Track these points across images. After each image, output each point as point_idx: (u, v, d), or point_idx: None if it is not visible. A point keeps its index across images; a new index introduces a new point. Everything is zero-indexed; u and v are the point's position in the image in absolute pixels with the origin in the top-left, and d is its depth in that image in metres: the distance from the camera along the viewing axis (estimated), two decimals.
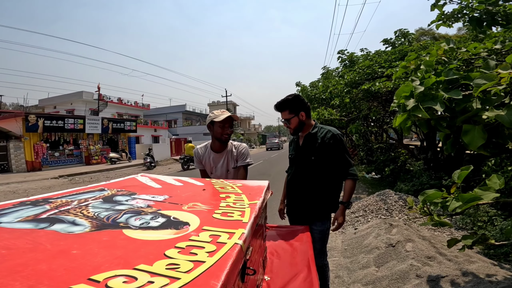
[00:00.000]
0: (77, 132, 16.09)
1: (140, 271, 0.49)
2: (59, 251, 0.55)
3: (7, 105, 34.94)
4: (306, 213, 1.93)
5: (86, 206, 0.84)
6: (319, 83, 11.19)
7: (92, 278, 0.45)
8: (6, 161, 13.20)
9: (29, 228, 0.66)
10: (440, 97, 1.39)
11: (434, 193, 0.99)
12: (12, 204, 0.85)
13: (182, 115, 37.03)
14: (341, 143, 1.85)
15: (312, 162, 1.88)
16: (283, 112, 1.92)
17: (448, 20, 2.24)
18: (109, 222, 0.71)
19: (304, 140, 1.94)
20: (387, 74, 5.31)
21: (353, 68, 7.18)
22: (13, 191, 8.53)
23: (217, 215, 0.83)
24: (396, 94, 1.63)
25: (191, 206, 0.90)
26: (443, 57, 1.72)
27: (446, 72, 1.50)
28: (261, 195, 1.11)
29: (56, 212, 0.78)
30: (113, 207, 0.84)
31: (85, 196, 0.98)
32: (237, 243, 0.63)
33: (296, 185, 1.98)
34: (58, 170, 13.84)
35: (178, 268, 0.51)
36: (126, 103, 29.53)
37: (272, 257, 1.45)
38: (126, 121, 19.62)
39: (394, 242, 2.90)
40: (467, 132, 1.33)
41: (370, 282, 2.39)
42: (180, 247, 0.60)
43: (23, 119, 13.50)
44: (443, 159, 6.38)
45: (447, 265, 2.36)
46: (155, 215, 0.79)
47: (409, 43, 7.38)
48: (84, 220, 0.71)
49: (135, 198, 0.98)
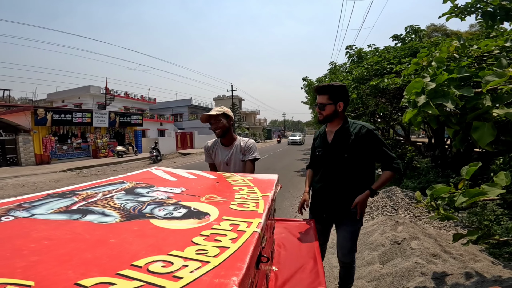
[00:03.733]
0: (84, 125, 16.28)
1: (174, 257, 0.54)
2: (97, 240, 0.59)
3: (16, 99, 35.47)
4: (337, 213, 1.86)
5: (111, 198, 0.89)
6: (326, 78, 11.09)
7: (134, 264, 0.50)
8: (15, 154, 13.44)
9: (64, 219, 0.70)
10: (451, 94, 1.38)
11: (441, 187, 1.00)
12: (41, 196, 0.90)
13: (188, 109, 37.14)
14: (378, 137, 1.74)
15: (345, 160, 1.77)
16: (322, 96, 1.80)
17: (461, 13, 2.19)
18: (136, 213, 0.76)
19: (335, 136, 1.83)
20: (396, 70, 5.24)
21: (361, 64, 7.09)
22: (23, 184, 8.70)
23: (233, 206, 0.88)
24: (406, 89, 1.62)
25: (208, 198, 0.95)
26: (454, 54, 1.69)
27: (458, 69, 1.48)
28: (272, 188, 1.17)
29: (85, 203, 0.82)
30: (136, 199, 0.89)
31: (108, 188, 1.03)
32: (255, 231, 0.69)
33: (326, 184, 1.88)
34: (66, 163, 14.07)
35: (206, 253, 0.56)
36: (132, 97, 29.71)
37: (279, 249, 1.50)
38: (132, 115, 19.76)
39: (399, 239, 2.90)
40: (476, 128, 1.32)
41: (374, 279, 2.41)
42: (205, 234, 0.65)
43: (32, 113, 13.69)
44: (451, 156, 6.31)
45: (452, 263, 2.36)
46: (177, 206, 0.83)
47: (420, 39, 7.24)
48: (112, 211, 0.76)
49: (154, 190, 1.02)
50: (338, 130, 1.82)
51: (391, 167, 1.72)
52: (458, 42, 1.73)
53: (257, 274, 0.73)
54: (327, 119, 1.84)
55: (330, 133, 1.88)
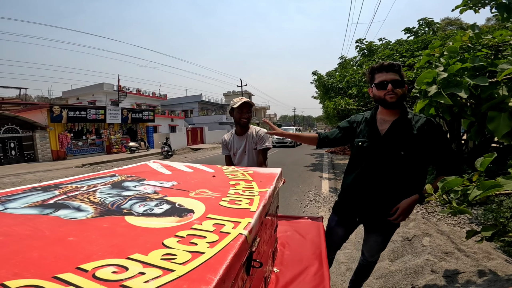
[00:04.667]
0: (98, 122, 16.64)
1: (133, 261, 0.47)
2: (56, 238, 0.55)
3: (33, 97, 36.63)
4: (373, 219, 1.59)
5: (94, 192, 0.85)
6: (336, 72, 10.89)
7: (80, 267, 0.44)
8: (32, 150, 13.91)
9: (34, 214, 0.67)
10: (464, 83, 1.31)
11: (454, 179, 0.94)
12: (23, 189, 0.87)
13: (198, 105, 37.41)
14: (446, 137, 1.45)
15: (400, 158, 1.44)
16: (392, 73, 1.44)
17: (475, 5, 2.09)
18: (113, 208, 0.71)
19: (391, 127, 1.48)
20: (409, 63, 5.08)
21: (371, 58, 6.90)
22: (40, 179, 8.99)
23: (224, 203, 0.81)
24: (417, 80, 1.55)
25: (198, 193, 0.88)
26: (468, 43, 1.60)
27: (472, 59, 1.41)
28: (272, 183, 1.07)
29: (64, 197, 0.79)
30: (120, 193, 0.84)
31: (96, 181, 0.99)
32: (241, 233, 0.60)
33: (368, 184, 1.54)
34: (82, 159, 14.46)
35: (174, 259, 0.49)
36: (144, 94, 30.13)
37: (283, 248, 1.42)
38: (144, 111, 20.05)
39: (410, 236, 2.82)
40: (492, 119, 1.25)
41: (383, 276, 2.35)
42: (180, 236, 0.58)
43: (48, 110, 14.10)
44: (468, 151, 6.09)
45: (464, 261, 2.27)
46: (160, 201, 0.78)
47: (433, 32, 6.98)
48: (89, 206, 0.72)
49: (143, 184, 0.98)
50: (397, 120, 1.47)
51: (451, 173, 1.34)
52: (472, 31, 1.64)
53: (248, 280, 0.68)
54: (400, 102, 1.45)
55: (383, 122, 1.52)
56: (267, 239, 1.01)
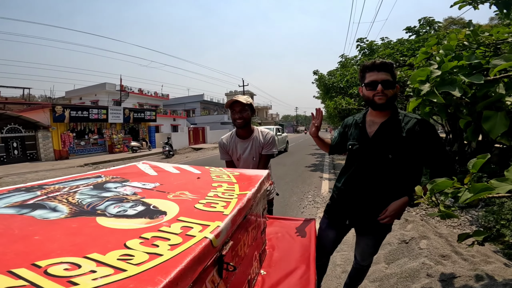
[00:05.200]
0: (100, 122, 16.73)
1: (88, 260, 0.48)
2: (23, 236, 0.57)
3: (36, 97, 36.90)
4: (363, 220, 1.56)
5: (74, 193, 0.85)
6: (337, 71, 10.82)
7: (35, 264, 0.46)
8: (35, 150, 14.01)
9: (10, 213, 0.68)
10: (459, 81, 1.26)
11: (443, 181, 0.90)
12: (8, 190, 0.89)
13: (200, 105, 37.51)
14: (439, 138, 1.39)
15: (388, 162, 1.40)
16: (384, 73, 1.40)
17: (474, 1, 2.03)
18: (88, 209, 0.72)
19: (379, 129, 1.44)
20: (410, 62, 5.02)
21: (372, 57, 6.84)
22: (42, 179, 9.00)
23: (199, 205, 0.80)
24: (411, 78, 1.50)
25: (177, 195, 0.88)
26: (464, 41, 1.55)
27: (467, 57, 1.36)
28: (255, 185, 1.05)
29: (43, 198, 0.80)
30: (99, 194, 0.85)
31: (79, 182, 1.00)
32: (206, 237, 0.60)
33: (357, 187, 1.52)
34: (84, 159, 14.54)
35: (130, 260, 0.49)
36: (146, 94, 30.25)
37: (272, 250, 1.40)
38: (146, 111, 20.12)
39: (407, 238, 2.78)
40: (488, 118, 1.21)
41: (378, 279, 2.31)
42: (144, 237, 0.58)
43: (50, 110, 14.20)
44: (470, 152, 6.01)
45: (461, 264, 2.23)
46: (136, 203, 0.78)
47: (435, 31, 6.90)
48: (65, 207, 0.73)
49: (125, 185, 0.98)
50: (386, 122, 1.43)
51: (448, 173, 1.30)
52: (468, 28, 1.59)
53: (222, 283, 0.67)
54: (389, 103, 1.40)
55: (372, 123, 1.49)
56: (250, 241, 0.99)
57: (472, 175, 0.98)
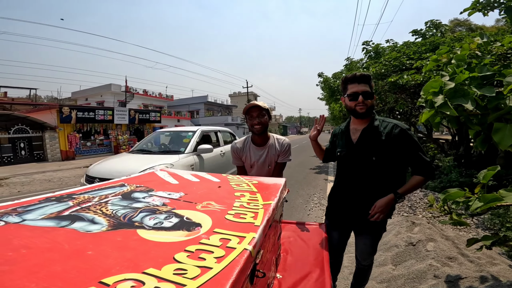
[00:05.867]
0: (106, 122, 16.89)
1: (148, 276, 0.50)
2: (75, 251, 0.58)
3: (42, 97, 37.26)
4: (357, 221, 1.68)
5: (105, 203, 0.87)
6: (342, 74, 10.85)
7: (102, 281, 0.47)
8: (42, 150, 14.19)
9: (51, 226, 0.69)
10: (471, 94, 1.31)
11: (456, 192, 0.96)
12: (38, 200, 0.90)
13: (204, 106, 37.63)
14: (413, 139, 1.54)
15: (373, 164, 1.56)
16: (364, 85, 1.56)
17: (484, 8, 2.08)
18: (125, 221, 0.74)
19: (361, 135, 1.61)
20: (416, 66, 5.04)
21: (378, 60, 6.87)
22: (49, 179, 9.16)
23: (229, 216, 0.83)
24: (423, 89, 1.54)
25: (205, 206, 0.91)
26: (476, 51, 1.60)
27: (480, 68, 1.40)
28: (276, 195, 1.09)
29: (77, 209, 0.82)
30: (131, 205, 0.87)
31: (106, 192, 1.01)
32: (246, 248, 0.63)
33: (348, 190, 1.69)
34: (90, 159, 14.68)
35: (185, 274, 0.51)
36: (151, 95, 30.44)
37: (286, 254, 1.44)
38: (151, 112, 20.28)
39: (414, 241, 2.81)
40: (498, 130, 1.25)
41: (385, 280, 2.35)
42: (189, 250, 0.60)
43: (57, 110, 14.36)
44: (476, 155, 6.01)
45: (467, 266, 2.27)
46: (169, 214, 0.80)
47: (441, 34, 6.91)
48: (102, 218, 0.75)
49: (152, 195, 1.00)
50: (366, 128, 1.60)
51: (424, 172, 1.49)
52: (481, 39, 1.63)
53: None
54: (369, 112, 1.57)
55: (355, 131, 1.66)
56: (271, 247, 1.02)
57: (482, 185, 1.03)
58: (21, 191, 7.33)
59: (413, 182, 1.52)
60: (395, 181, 1.56)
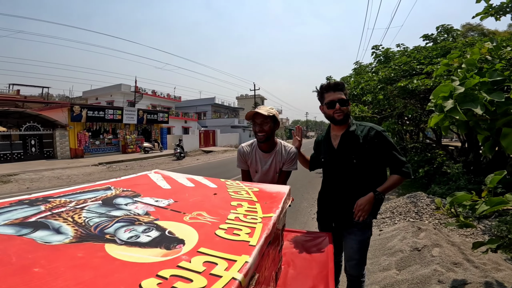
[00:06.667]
0: (115, 122, 17.14)
1: None
2: (20, 266, 0.48)
3: (54, 96, 38.03)
4: (344, 222, 1.72)
5: (81, 210, 0.77)
6: (350, 78, 10.79)
7: None
8: (52, 148, 14.48)
9: (9, 234, 0.60)
10: (481, 99, 1.31)
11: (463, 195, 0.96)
12: (9, 203, 0.80)
13: (211, 108, 37.85)
14: (388, 140, 1.62)
15: (353, 166, 1.64)
16: (339, 92, 1.65)
17: (496, 13, 2.07)
18: (95, 233, 0.63)
19: (341, 140, 1.70)
20: (427, 71, 5.00)
21: (388, 64, 6.83)
22: (57, 176, 9.34)
23: (220, 232, 0.70)
24: (433, 93, 1.54)
25: (194, 217, 0.79)
26: (487, 55, 1.60)
27: (490, 73, 1.40)
28: (279, 206, 0.96)
29: (47, 215, 0.71)
30: (109, 212, 0.76)
31: (87, 195, 0.90)
32: (235, 278, 0.51)
33: (333, 192, 1.77)
34: (98, 158, 14.91)
35: None
36: (159, 95, 30.78)
37: (287, 267, 1.31)
38: (159, 113, 20.52)
39: (420, 246, 2.78)
40: (506, 135, 1.25)
41: (389, 285, 2.34)
42: (162, 276, 0.49)
43: (68, 109, 14.66)
44: (486, 162, 5.91)
45: (472, 272, 2.25)
46: (150, 227, 0.69)
47: (453, 39, 6.84)
48: (70, 228, 0.65)
49: (137, 201, 0.88)
50: (344, 134, 1.69)
51: (400, 171, 1.59)
52: (491, 43, 1.63)
53: None
54: (346, 118, 1.66)
55: (335, 137, 1.75)
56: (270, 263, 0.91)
57: (488, 189, 1.03)
58: (30, 187, 7.49)
59: (391, 181, 1.61)
60: (376, 181, 1.64)
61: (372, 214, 1.66)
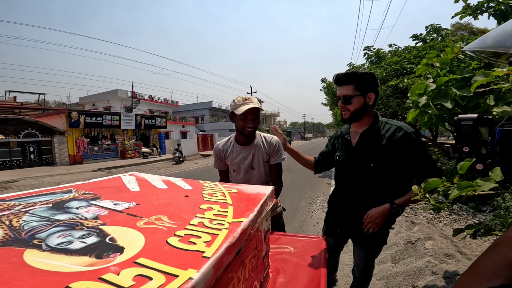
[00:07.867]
0: (113, 128, 17.18)
1: None
2: None
3: (50, 102, 37.94)
4: (353, 231, 1.55)
5: (24, 213, 0.70)
6: None
7: None
8: (50, 154, 14.50)
9: None
10: (451, 94, 1.43)
11: (434, 180, 1.05)
12: None
13: (209, 111, 37.96)
14: (419, 144, 1.37)
15: (370, 170, 1.40)
16: (345, 86, 1.39)
17: (474, 12, 2.22)
18: (23, 237, 0.57)
19: (360, 139, 1.45)
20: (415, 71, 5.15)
21: (379, 65, 6.99)
22: (57, 182, 9.37)
23: (173, 240, 0.60)
24: (410, 91, 1.65)
25: (151, 221, 0.70)
26: (460, 54, 1.74)
27: (460, 70, 1.52)
28: (254, 209, 0.84)
29: None
30: (53, 216, 0.69)
31: (41, 199, 0.83)
32: None
33: (344, 196, 1.57)
34: (97, 163, 14.95)
35: None
36: (156, 100, 30.90)
37: (276, 275, 1.19)
38: (157, 118, 20.57)
39: (414, 239, 2.89)
40: None
41: (385, 277, 2.43)
42: None
43: (66, 115, 14.70)
44: None
45: (465, 263, 2.34)
46: (91, 232, 0.61)
47: (442, 38, 7.01)
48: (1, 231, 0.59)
49: (92, 204, 0.81)
50: (365, 131, 1.44)
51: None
52: (462, 43, 1.77)
53: None
54: (356, 116, 1.41)
55: (355, 134, 1.50)
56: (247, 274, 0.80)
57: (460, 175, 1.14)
58: None
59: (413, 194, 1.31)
60: (396, 191, 1.39)
61: (385, 226, 1.44)
